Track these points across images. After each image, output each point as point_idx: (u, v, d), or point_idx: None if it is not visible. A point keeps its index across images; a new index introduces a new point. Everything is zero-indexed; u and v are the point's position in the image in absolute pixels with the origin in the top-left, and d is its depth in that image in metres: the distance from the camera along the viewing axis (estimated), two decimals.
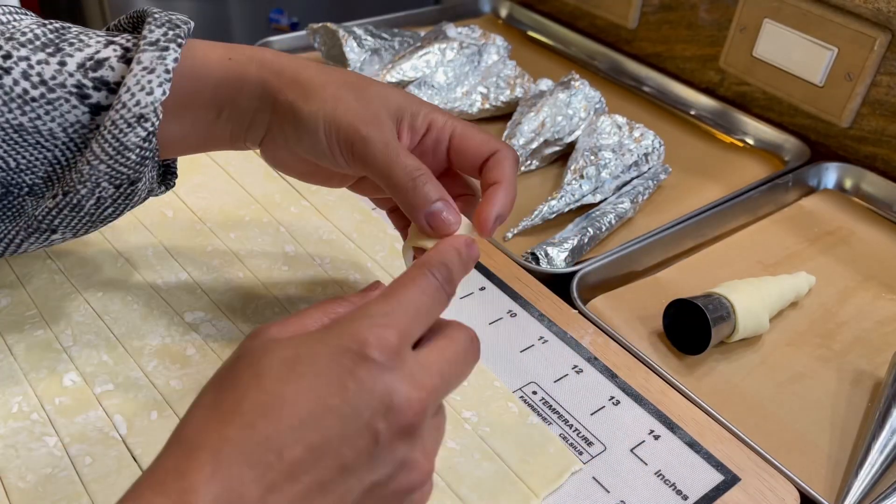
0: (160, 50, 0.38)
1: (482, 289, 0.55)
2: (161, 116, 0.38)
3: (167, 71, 0.38)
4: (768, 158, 0.78)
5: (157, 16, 0.40)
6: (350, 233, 0.58)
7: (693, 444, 0.45)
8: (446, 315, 0.34)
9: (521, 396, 0.47)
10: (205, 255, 0.54)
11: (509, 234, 0.64)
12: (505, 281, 0.55)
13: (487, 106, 0.78)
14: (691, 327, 0.54)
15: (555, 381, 0.48)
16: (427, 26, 0.95)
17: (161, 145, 0.40)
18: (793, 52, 0.75)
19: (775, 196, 0.71)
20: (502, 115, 0.79)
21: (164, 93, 0.38)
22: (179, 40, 0.39)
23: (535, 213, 0.64)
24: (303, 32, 0.86)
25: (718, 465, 0.44)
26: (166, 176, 0.46)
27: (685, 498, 0.42)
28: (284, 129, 0.40)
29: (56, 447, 0.41)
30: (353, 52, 0.78)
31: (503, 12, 1.03)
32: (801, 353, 0.56)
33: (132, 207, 0.42)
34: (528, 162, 0.72)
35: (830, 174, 0.74)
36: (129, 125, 0.37)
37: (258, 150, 0.43)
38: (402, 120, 0.40)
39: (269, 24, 1.50)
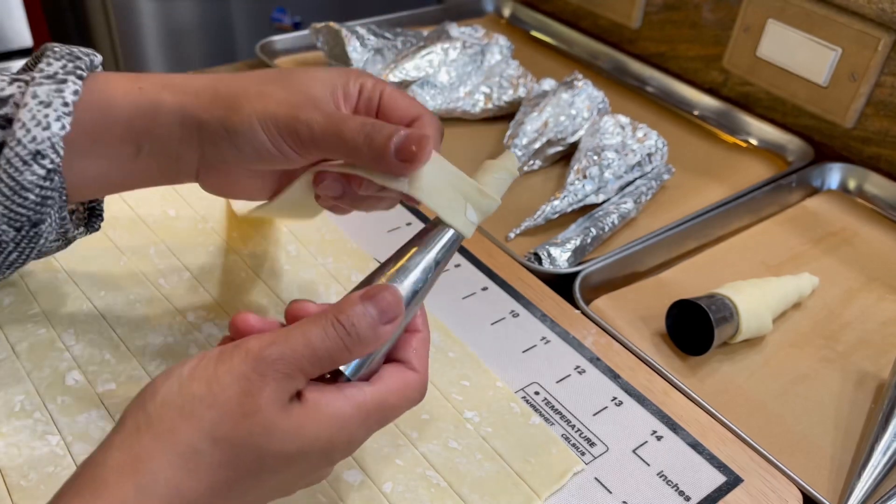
0: (57, 83, 0.36)
1: (484, 289, 0.55)
2: (62, 153, 0.36)
3: (65, 104, 0.36)
4: (772, 159, 0.78)
5: (56, 49, 0.38)
6: (352, 233, 0.58)
7: (696, 445, 0.45)
8: (450, 311, 0.34)
9: (524, 397, 0.47)
10: (207, 254, 0.54)
11: (512, 235, 0.64)
12: (507, 281, 0.55)
13: (490, 106, 0.78)
14: (694, 328, 0.54)
15: (557, 382, 0.48)
16: (430, 26, 0.95)
17: (76, 185, 0.38)
18: (797, 53, 0.74)
19: (779, 197, 0.71)
20: (505, 115, 0.78)
21: (62, 127, 0.36)
22: (80, 72, 0.37)
23: (538, 213, 0.64)
24: (305, 32, 0.86)
25: (721, 466, 0.44)
26: (91, 218, 0.44)
27: (687, 499, 0.42)
28: (220, 149, 0.38)
29: (59, 446, 0.41)
30: (356, 52, 0.78)
31: (506, 12, 1.03)
32: (804, 354, 0.56)
33: (40, 252, 0.40)
34: (531, 162, 0.72)
35: (834, 175, 0.74)
36: (25, 163, 0.35)
37: (195, 182, 0.41)
38: (335, 91, 0.38)
39: (272, 24, 1.51)
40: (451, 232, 0.37)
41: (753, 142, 0.80)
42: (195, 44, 1.46)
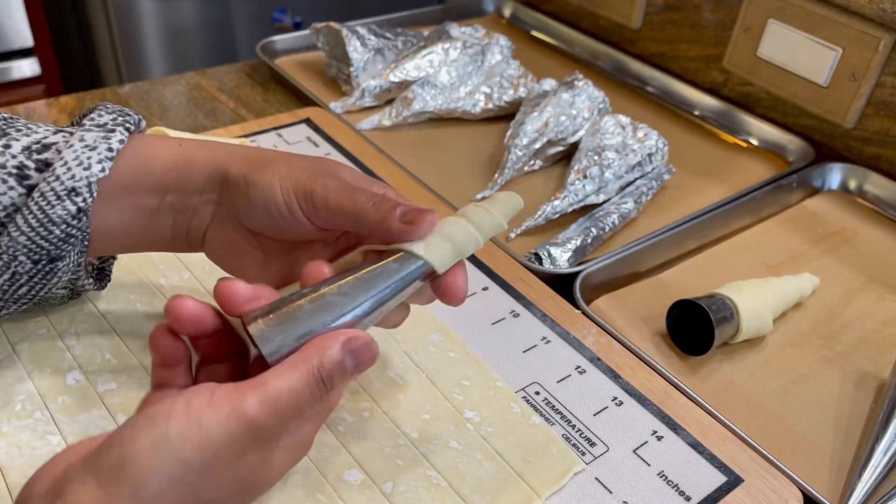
0: (106, 131, 0.38)
1: (485, 289, 0.55)
2: (95, 194, 0.37)
3: (110, 149, 0.37)
4: (772, 159, 0.78)
5: (108, 105, 0.40)
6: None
7: (696, 445, 0.45)
8: (450, 311, 0.34)
9: (524, 397, 0.47)
10: None
11: (512, 235, 0.64)
12: (508, 281, 0.55)
13: (491, 106, 0.78)
14: (694, 328, 0.54)
15: (557, 382, 0.48)
16: (430, 26, 0.95)
17: (97, 235, 0.39)
18: (797, 53, 0.75)
19: (779, 197, 0.71)
20: (505, 115, 0.79)
21: (102, 170, 0.37)
22: (128, 125, 0.39)
23: (539, 213, 0.64)
24: (306, 32, 0.86)
25: (721, 466, 0.44)
26: (99, 276, 0.45)
27: (688, 499, 0.42)
28: (235, 202, 0.39)
29: (59, 446, 0.41)
30: (357, 52, 0.78)
31: (507, 12, 1.03)
32: (804, 354, 0.56)
33: (49, 290, 0.40)
34: (532, 162, 0.72)
35: (834, 175, 0.74)
36: (59, 198, 0.36)
37: (202, 250, 0.42)
38: (359, 183, 0.40)
39: (272, 24, 1.51)
40: (424, 266, 0.37)
41: (754, 142, 0.80)
42: (195, 44, 1.46)
